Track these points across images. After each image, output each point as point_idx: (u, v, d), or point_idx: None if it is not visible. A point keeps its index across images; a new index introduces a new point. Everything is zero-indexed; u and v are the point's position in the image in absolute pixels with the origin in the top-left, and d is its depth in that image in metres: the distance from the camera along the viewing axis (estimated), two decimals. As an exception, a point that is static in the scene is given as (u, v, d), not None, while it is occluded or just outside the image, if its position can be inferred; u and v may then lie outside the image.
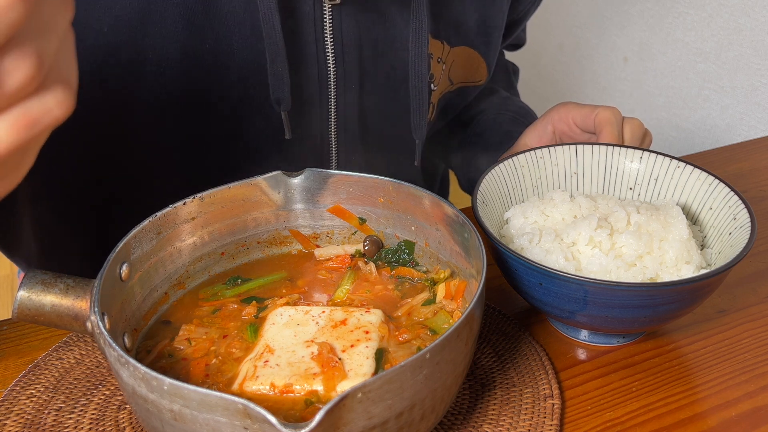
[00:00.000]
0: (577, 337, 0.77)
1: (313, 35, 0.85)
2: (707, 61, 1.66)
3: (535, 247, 0.73)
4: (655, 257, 0.72)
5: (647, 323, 0.70)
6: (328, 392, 0.58)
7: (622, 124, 0.88)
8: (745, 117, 1.61)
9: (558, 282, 0.66)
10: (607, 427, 0.67)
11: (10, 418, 0.66)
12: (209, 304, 0.70)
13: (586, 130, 0.89)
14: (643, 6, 1.81)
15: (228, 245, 0.75)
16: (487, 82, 1.03)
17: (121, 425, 0.66)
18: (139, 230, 0.65)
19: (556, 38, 2.18)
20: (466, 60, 0.98)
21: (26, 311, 0.59)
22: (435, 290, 0.70)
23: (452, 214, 0.68)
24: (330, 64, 0.87)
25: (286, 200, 0.75)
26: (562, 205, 0.78)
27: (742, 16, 1.55)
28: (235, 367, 0.62)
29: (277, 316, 0.66)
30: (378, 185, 0.74)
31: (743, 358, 0.75)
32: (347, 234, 0.78)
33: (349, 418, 0.49)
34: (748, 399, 0.70)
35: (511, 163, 0.83)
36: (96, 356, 0.74)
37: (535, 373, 0.72)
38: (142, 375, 0.50)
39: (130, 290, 0.65)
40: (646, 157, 0.84)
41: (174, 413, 0.50)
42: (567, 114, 0.90)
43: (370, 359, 0.61)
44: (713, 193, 0.79)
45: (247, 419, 0.47)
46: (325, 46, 0.85)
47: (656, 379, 0.72)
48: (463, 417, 0.67)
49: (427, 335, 0.65)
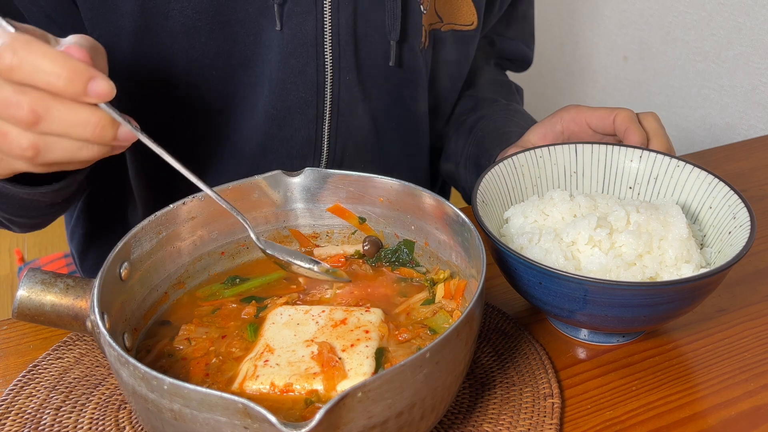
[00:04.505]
0: (577, 337, 0.77)
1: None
2: (707, 60, 1.66)
3: (535, 247, 0.73)
4: (655, 256, 0.72)
5: (647, 322, 0.70)
6: (328, 392, 0.58)
7: (639, 121, 0.88)
8: (744, 116, 1.61)
9: (558, 281, 0.66)
10: (607, 426, 0.67)
11: (10, 417, 0.66)
12: (208, 303, 0.70)
13: (603, 132, 0.89)
14: (643, 5, 1.81)
15: (228, 245, 0.75)
16: (479, 32, 1.03)
17: (121, 424, 0.66)
18: (139, 230, 0.65)
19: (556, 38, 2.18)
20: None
21: (26, 311, 0.59)
22: (434, 290, 0.70)
23: (452, 214, 0.68)
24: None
25: (285, 199, 0.75)
26: (562, 204, 0.78)
27: (742, 15, 1.55)
28: (234, 367, 0.62)
29: (276, 315, 0.66)
30: (378, 185, 0.74)
31: (743, 357, 0.75)
32: (347, 233, 0.78)
33: (349, 418, 0.49)
34: (748, 398, 0.70)
35: (510, 163, 0.83)
36: (96, 356, 0.74)
37: (535, 372, 0.72)
38: (142, 374, 0.50)
39: (130, 290, 0.65)
40: (646, 156, 0.84)
41: (174, 413, 0.50)
42: (580, 115, 0.89)
43: (370, 359, 0.61)
44: (713, 192, 0.79)
45: (247, 419, 0.47)
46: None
47: (656, 378, 0.72)
48: (463, 416, 0.67)
49: (427, 335, 0.65)
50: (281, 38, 0.87)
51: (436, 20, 0.98)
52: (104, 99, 0.56)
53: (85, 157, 0.59)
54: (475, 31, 1.02)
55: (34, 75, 0.54)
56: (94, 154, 0.59)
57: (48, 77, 0.54)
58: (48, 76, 0.54)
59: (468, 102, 1.13)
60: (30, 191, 0.70)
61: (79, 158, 0.59)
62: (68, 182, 0.73)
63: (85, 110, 0.56)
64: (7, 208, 0.75)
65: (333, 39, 0.89)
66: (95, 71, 0.55)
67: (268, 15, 0.86)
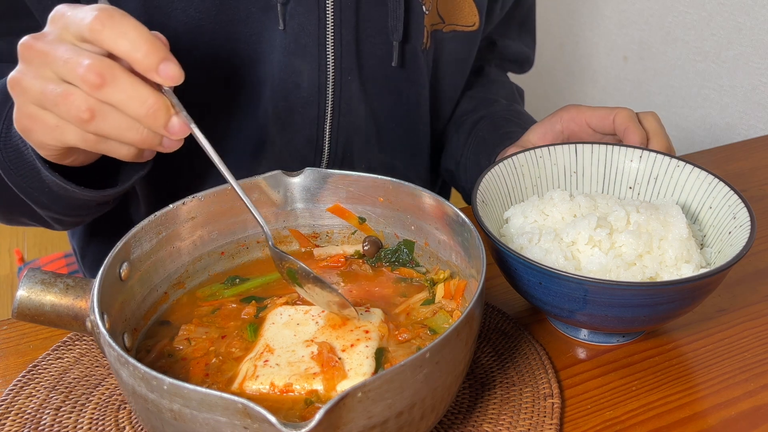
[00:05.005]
0: (577, 337, 0.77)
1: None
2: (707, 60, 1.66)
3: (535, 247, 0.73)
4: (655, 256, 0.72)
5: (647, 322, 0.70)
6: (328, 392, 0.58)
7: (639, 121, 0.88)
8: (744, 116, 1.61)
9: (558, 281, 0.66)
10: (607, 426, 0.67)
11: (10, 417, 0.66)
12: (208, 303, 0.70)
13: (603, 131, 0.89)
14: (643, 5, 1.81)
15: (228, 245, 0.75)
16: (480, 32, 1.03)
17: (120, 425, 0.66)
18: (138, 230, 0.65)
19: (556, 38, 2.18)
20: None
21: (26, 311, 0.59)
22: (434, 290, 0.70)
23: (452, 214, 0.68)
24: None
25: (285, 200, 0.75)
26: (562, 204, 0.78)
27: (742, 15, 1.55)
28: (234, 367, 0.62)
29: (276, 315, 0.66)
30: (378, 185, 0.74)
31: (743, 357, 0.75)
32: (347, 233, 0.78)
33: (349, 418, 0.49)
34: (748, 398, 0.70)
35: (510, 163, 0.83)
36: (95, 356, 0.74)
37: (535, 372, 0.72)
38: (142, 375, 0.50)
39: (130, 290, 0.65)
40: (646, 156, 0.84)
41: (174, 413, 0.50)
42: (579, 115, 0.89)
43: (369, 359, 0.61)
44: (713, 192, 0.79)
45: (247, 419, 0.47)
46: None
47: (656, 378, 0.72)
48: (463, 416, 0.67)
49: (427, 335, 0.65)
50: (284, 38, 0.87)
51: (438, 21, 0.98)
52: (171, 82, 0.59)
53: (133, 138, 0.61)
54: (477, 31, 1.02)
55: (117, 40, 0.58)
56: (141, 137, 0.61)
57: (129, 44, 0.58)
58: (130, 44, 0.58)
59: (468, 102, 1.13)
60: (95, 194, 0.73)
61: (127, 138, 0.61)
62: (132, 183, 0.75)
63: (147, 88, 0.59)
64: (60, 207, 0.78)
65: (335, 39, 0.89)
66: (171, 55, 0.59)
67: (271, 14, 0.86)
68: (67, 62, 0.59)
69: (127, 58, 0.58)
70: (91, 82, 0.58)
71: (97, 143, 0.63)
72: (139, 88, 0.59)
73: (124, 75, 0.59)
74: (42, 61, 0.60)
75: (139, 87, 0.59)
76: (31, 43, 0.61)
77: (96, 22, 0.58)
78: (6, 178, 0.75)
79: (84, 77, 0.58)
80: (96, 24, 0.58)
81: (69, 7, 0.61)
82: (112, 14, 0.58)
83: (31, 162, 0.72)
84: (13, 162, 0.73)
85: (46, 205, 0.78)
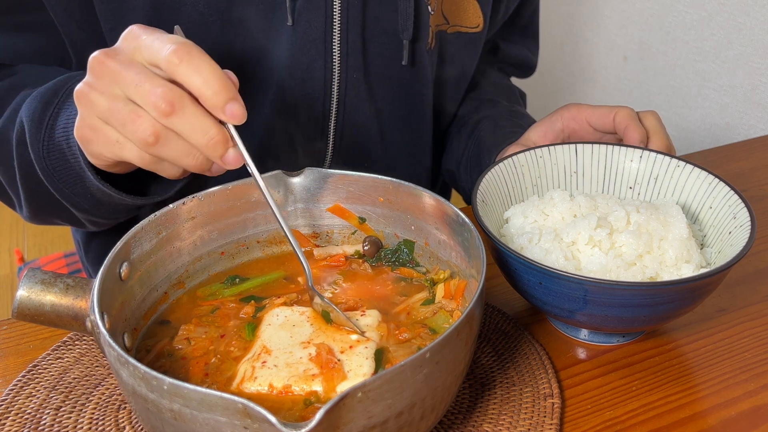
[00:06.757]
0: (577, 337, 0.77)
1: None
2: (707, 60, 1.66)
3: (535, 247, 0.73)
4: (655, 256, 0.72)
5: (647, 322, 0.70)
6: (327, 393, 0.58)
7: (639, 120, 0.88)
8: (744, 116, 1.61)
9: (558, 281, 0.66)
10: (607, 426, 0.67)
11: (10, 417, 0.66)
12: (208, 303, 0.70)
13: (603, 130, 0.89)
14: (643, 5, 1.81)
15: (228, 245, 0.75)
16: (484, 34, 1.03)
17: (120, 424, 0.66)
18: (138, 230, 0.65)
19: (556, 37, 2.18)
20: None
21: (26, 311, 0.59)
22: (434, 290, 0.70)
23: (452, 214, 0.68)
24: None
25: (285, 199, 0.75)
26: (562, 204, 0.78)
27: (742, 15, 1.55)
28: (234, 366, 0.62)
29: (273, 316, 0.66)
30: (378, 184, 0.74)
31: (743, 357, 0.75)
32: (347, 233, 0.78)
33: (349, 418, 0.49)
34: (748, 398, 0.70)
35: (510, 163, 0.83)
36: (95, 356, 0.74)
37: (535, 372, 0.72)
38: (141, 374, 0.50)
39: (130, 290, 0.65)
40: (646, 157, 0.84)
41: (174, 413, 0.50)
42: (580, 113, 0.90)
43: (369, 359, 0.60)
44: (713, 192, 0.79)
45: (247, 419, 0.47)
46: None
47: (656, 378, 0.72)
48: (463, 416, 0.67)
49: (427, 334, 0.65)
50: (291, 34, 0.88)
51: (443, 21, 0.98)
52: (235, 121, 0.62)
53: (188, 163, 0.64)
54: (481, 33, 1.02)
55: (192, 76, 0.60)
56: (196, 163, 0.65)
57: (202, 81, 0.60)
58: (203, 81, 0.60)
59: (470, 103, 1.13)
60: (139, 201, 0.76)
61: (183, 162, 0.64)
62: (175, 191, 0.77)
63: (210, 120, 0.62)
64: (100, 211, 0.80)
65: (341, 37, 0.90)
66: (238, 96, 0.62)
67: (279, 11, 0.87)
68: (139, 86, 0.61)
69: (197, 93, 0.61)
70: (162, 109, 0.60)
71: (152, 163, 0.66)
72: (204, 120, 0.61)
73: (192, 106, 0.61)
74: (112, 79, 0.62)
75: (204, 119, 0.61)
76: (102, 59, 0.63)
77: (174, 55, 0.60)
78: (48, 184, 0.77)
79: (155, 104, 0.60)
80: (174, 57, 0.60)
81: (144, 29, 0.63)
82: (191, 50, 0.61)
83: (76, 170, 0.74)
84: (56, 170, 0.76)
85: (86, 209, 0.80)
